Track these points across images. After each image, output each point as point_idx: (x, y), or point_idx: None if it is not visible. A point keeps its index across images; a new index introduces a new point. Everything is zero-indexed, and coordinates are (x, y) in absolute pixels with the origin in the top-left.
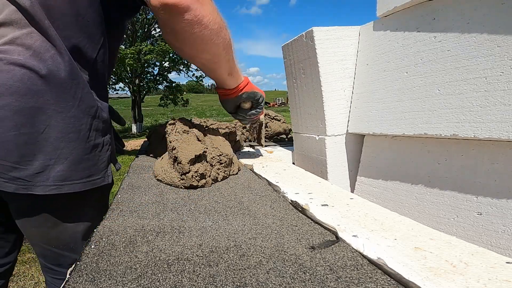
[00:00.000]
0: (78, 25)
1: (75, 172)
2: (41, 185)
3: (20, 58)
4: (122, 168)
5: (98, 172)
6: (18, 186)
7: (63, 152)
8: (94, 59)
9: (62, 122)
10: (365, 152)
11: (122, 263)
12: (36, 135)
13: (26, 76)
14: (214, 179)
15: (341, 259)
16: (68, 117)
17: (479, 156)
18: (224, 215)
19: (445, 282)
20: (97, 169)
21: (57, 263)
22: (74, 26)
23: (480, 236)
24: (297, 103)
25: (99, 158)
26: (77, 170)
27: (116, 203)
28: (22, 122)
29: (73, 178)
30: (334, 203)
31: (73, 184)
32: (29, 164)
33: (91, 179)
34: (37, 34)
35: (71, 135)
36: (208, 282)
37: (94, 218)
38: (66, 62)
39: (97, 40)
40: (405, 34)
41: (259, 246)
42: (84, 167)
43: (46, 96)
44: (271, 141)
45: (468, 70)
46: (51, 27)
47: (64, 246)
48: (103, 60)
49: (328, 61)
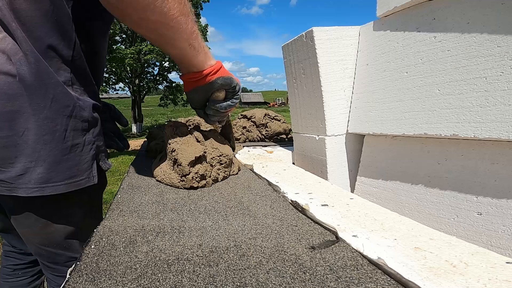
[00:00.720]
0: (47, 25)
1: (56, 174)
2: (23, 188)
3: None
4: (122, 168)
5: (81, 173)
6: (2, 188)
7: (41, 154)
8: (72, 56)
9: (36, 124)
10: (365, 152)
11: (122, 263)
12: (16, 138)
13: (2, 81)
14: (215, 179)
15: (341, 259)
16: (41, 119)
17: (479, 156)
18: (224, 215)
19: (445, 282)
20: (79, 169)
21: (53, 261)
22: (44, 26)
23: (480, 236)
24: (297, 103)
25: (80, 158)
26: (57, 171)
27: (116, 203)
28: (1, 126)
29: (55, 180)
30: (334, 203)
31: (55, 186)
32: (11, 166)
33: (74, 180)
34: (9, 37)
35: (46, 137)
36: (208, 282)
37: (85, 218)
38: (31, 64)
39: (71, 37)
40: (405, 34)
41: (259, 246)
42: (64, 168)
43: (21, 99)
44: (271, 141)
45: (468, 70)
46: (19, 29)
47: (57, 245)
48: (81, 56)
49: (328, 61)
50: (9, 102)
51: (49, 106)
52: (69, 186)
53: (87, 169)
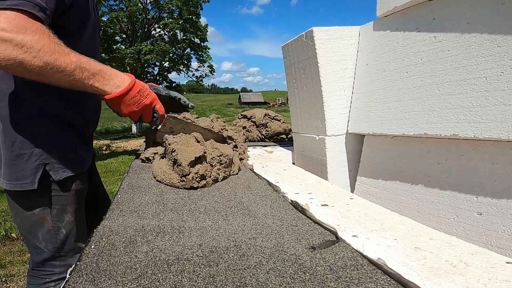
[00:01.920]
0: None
1: (8, 174)
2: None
3: None
4: (122, 168)
5: (25, 178)
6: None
7: (2, 156)
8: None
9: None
10: (365, 152)
11: (122, 263)
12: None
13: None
14: (215, 179)
15: (341, 259)
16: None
17: (479, 156)
18: (224, 215)
19: (445, 282)
20: (23, 175)
21: (26, 242)
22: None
23: (480, 236)
24: (297, 103)
25: (25, 166)
26: (9, 172)
27: (116, 203)
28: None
29: (8, 179)
30: (334, 203)
31: (9, 184)
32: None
33: (19, 182)
34: None
35: (4, 145)
36: (208, 282)
37: (44, 215)
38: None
39: None
40: (405, 34)
41: (259, 246)
42: (12, 171)
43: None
44: (271, 141)
45: (468, 70)
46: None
47: (27, 231)
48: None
49: (328, 61)
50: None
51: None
52: (15, 186)
53: (31, 176)
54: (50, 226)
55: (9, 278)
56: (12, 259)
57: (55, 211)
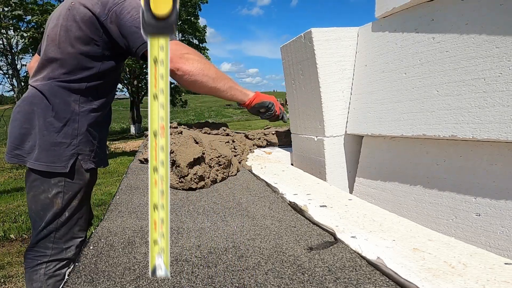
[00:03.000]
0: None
1: (45, 157)
2: (29, 161)
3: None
4: (120, 169)
5: (60, 162)
6: (19, 159)
7: (39, 142)
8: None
9: (42, 123)
10: (364, 153)
11: (121, 264)
12: (30, 129)
13: (31, 92)
14: (213, 180)
15: (340, 260)
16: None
17: (477, 157)
18: (223, 216)
19: (443, 283)
20: (59, 159)
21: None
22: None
23: (479, 237)
24: (296, 104)
25: (63, 152)
26: (46, 155)
27: (115, 204)
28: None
29: (44, 161)
30: (333, 204)
31: (42, 165)
32: (25, 146)
33: (53, 165)
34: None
35: (45, 132)
36: (206, 283)
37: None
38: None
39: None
40: (403, 35)
41: (258, 247)
42: (49, 155)
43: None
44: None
45: (467, 71)
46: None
47: (35, 213)
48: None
49: (326, 62)
50: (31, 106)
51: (53, 115)
52: (49, 167)
53: (66, 161)
54: (58, 210)
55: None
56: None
57: (67, 196)
